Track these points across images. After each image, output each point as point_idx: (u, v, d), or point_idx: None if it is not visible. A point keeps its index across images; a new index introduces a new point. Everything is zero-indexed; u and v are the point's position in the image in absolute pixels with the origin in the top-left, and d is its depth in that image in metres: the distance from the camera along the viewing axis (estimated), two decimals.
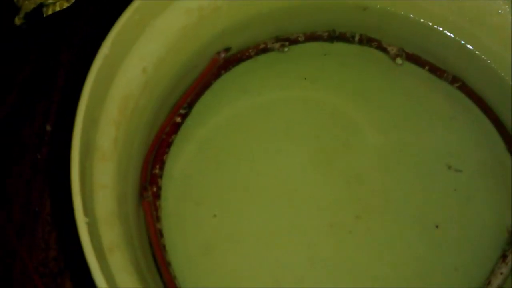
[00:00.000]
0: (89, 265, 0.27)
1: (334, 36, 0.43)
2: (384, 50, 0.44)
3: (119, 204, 0.32)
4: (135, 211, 0.35)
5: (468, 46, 0.41)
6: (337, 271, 0.37)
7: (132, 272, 0.30)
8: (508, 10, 0.38)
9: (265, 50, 0.43)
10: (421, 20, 0.42)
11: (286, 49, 0.43)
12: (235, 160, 0.39)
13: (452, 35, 0.42)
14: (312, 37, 0.44)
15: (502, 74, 0.40)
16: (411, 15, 0.42)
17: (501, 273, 0.37)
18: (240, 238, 0.37)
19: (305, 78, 0.42)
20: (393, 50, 0.43)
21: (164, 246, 0.37)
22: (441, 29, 0.42)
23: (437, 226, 0.39)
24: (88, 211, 0.30)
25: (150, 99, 0.36)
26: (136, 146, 0.36)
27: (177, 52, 0.37)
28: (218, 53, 0.41)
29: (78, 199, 0.28)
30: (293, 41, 0.44)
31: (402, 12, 0.42)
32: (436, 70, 0.43)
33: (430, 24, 0.42)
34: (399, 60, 0.43)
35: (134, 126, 0.35)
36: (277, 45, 0.43)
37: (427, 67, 0.43)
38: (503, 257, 0.38)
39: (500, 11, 0.39)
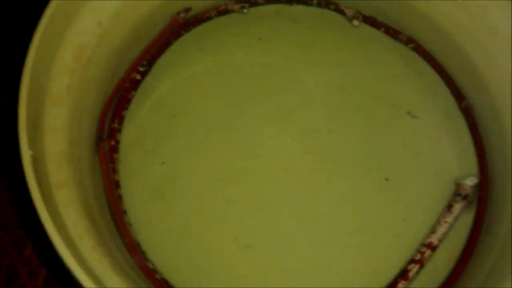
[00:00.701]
0: (33, 198, 0.29)
1: None
2: (341, 12, 0.45)
3: (71, 146, 0.34)
4: (90, 157, 0.37)
5: (421, 7, 0.42)
6: (282, 214, 0.38)
7: (79, 209, 0.32)
8: None
9: (225, 12, 0.44)
10: None
11: (245, 11, 0.44)
12: (189, 115, 0.41)
13: None
14: None
15: (454, 34, 0.42)
16: None
17: (446, 222, 0.38)
18: (187, 182, 0.39)
19: (260, 39, 0.43)
20: (350, 12, 0.44)
21: (120, 196, 0.39)
22: None
23: (387, 179, 0.40)
24: (38, 150, 0.31)
25: (107, 52, 0.38)
26: (93, 96, 0.37)
27: (134, 9, 0.39)
28: (178, 13, 0.42)
29: (23, 132, 0.29)
30: (253, 3, 0.45)
31: None
32: (391, 31, 0.44)
33: None
34: (355, 22, 0.44)
35: (90, 75, 0.37)
36: (236, 6, 0.44)
37: (383, 29, 0.44)
38: (449, 207, 0.39)
39: None
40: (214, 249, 0.38)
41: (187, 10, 0.43)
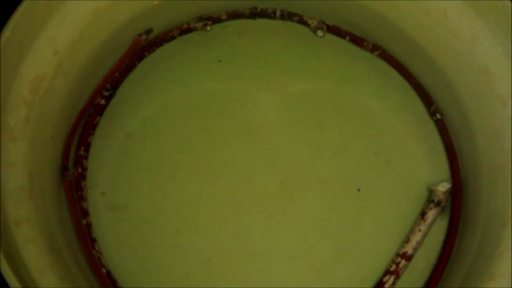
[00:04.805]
0: None
1: (256, 13, 0.44)
2: (305, 23, 0.44)
3: (32, 181, 0.33)
4: (55, 188, 0.36)
5: (384, 13, 0.42)
6: (255, 233, 0.39)
7: (41, 244, 0.31)
8: None
9: (188, 30, 0.44)
10: None
11: (209, 28, 0.44)
12: (154, 140, 0.41)
13: (369, 4, 0.42)
14: (234, 15, 0.44)
15: (418, 38, 0.41)
16: None
17: (420, 230, 0.38)
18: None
19: (219, 61, 0.43)
20: (313, 23, 0.44)
21: (89, 224, 0.38)
22: None
23: (359, 190, 0.40)
24: None
25: (66, 81, 0.37)
26: (55, 127, 0.37)
27: (91, 35, 0.38)
28: (140, 35, 0.42)
29: None
30: (216, 20, 0.44)
31: None
32: (356, 40, 0.44)
33: None
34: (320, 33, 0.44)
35: (50, 106, 0.36)
36: (199, 24, 0.44)
37: (347, 38, 0.44)
38: (422, 214, 0.38)
39: None
40: (189, 274, 0.37)
41: (149, 31, 0.42)
